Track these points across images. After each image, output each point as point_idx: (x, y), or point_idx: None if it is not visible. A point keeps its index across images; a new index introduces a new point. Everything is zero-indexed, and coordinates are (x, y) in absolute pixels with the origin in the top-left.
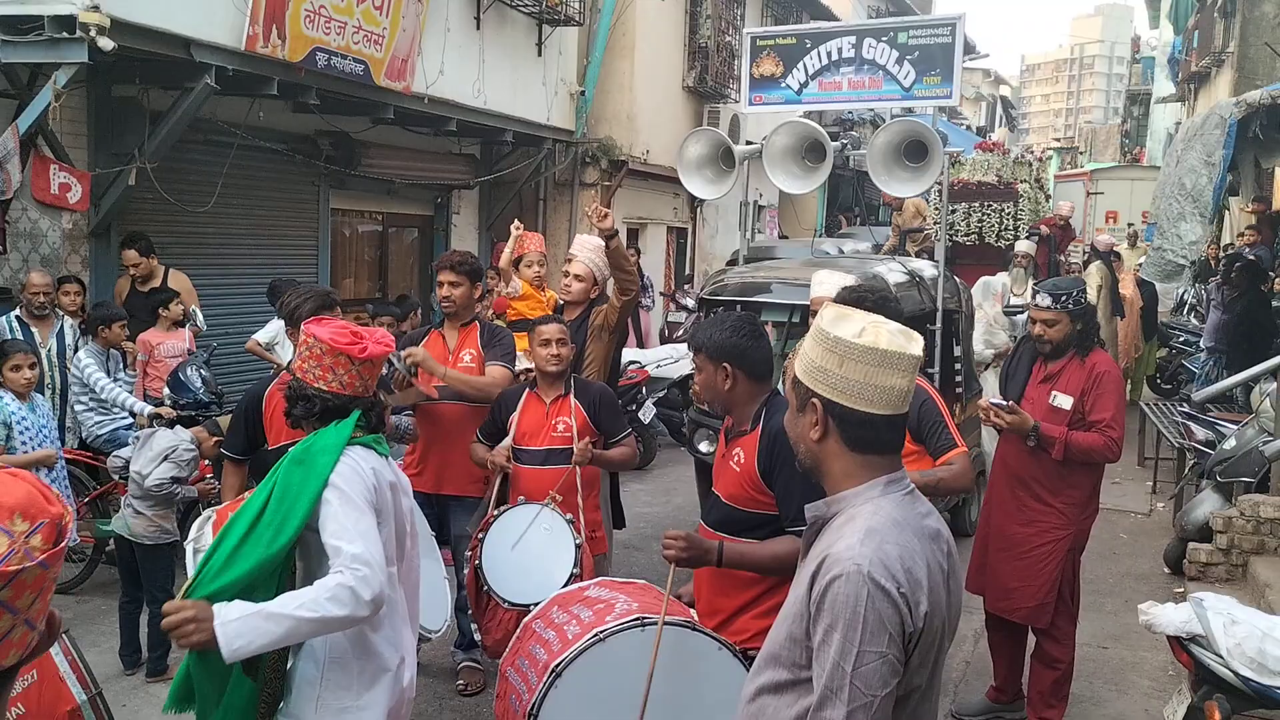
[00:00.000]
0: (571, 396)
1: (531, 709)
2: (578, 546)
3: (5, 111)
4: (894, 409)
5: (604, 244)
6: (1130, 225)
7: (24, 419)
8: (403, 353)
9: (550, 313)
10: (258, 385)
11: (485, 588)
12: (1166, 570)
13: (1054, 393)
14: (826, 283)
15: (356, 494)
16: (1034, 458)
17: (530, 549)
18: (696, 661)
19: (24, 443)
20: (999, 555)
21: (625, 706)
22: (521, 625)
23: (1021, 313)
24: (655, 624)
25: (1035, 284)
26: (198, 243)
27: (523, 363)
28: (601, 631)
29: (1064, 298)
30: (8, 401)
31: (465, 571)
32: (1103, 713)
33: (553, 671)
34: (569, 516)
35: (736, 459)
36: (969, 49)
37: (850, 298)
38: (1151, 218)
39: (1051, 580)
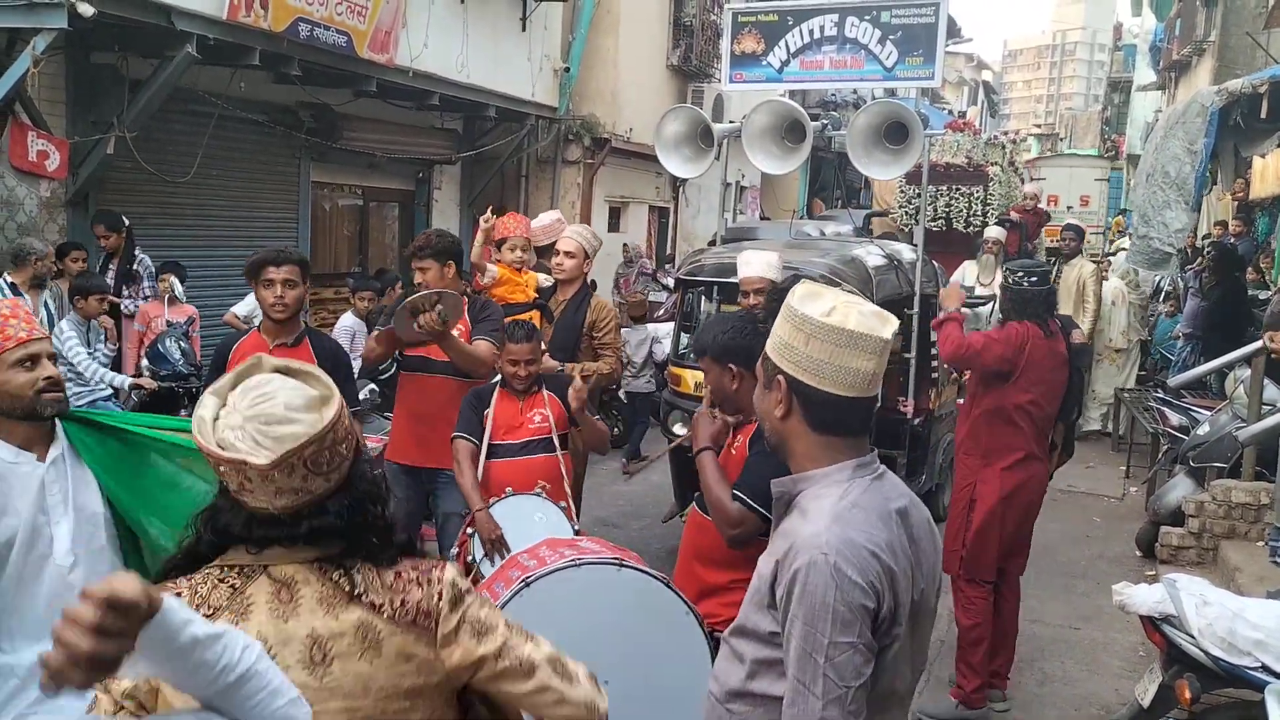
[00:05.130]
0: (543, 389)
1: None
2: (576, 533)
3: None
4: (859, 391)
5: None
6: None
7: None
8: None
9: (534, 296)
10: (226, 339)
11: (482, 581)
12: (1138, 553)
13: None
14: (753, 263)
15: None
16: (962, 418)
17: (526, 539)
18: (660, 615)
19: None
20: None
21: (584, 632)
22: (508, 558)
23: (987, 303)
24: (633, 569)
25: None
26: (176, 214)
27: None
28: (579, 560)
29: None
30: None
31: (453, 559)
32: (1074, 692)
33: (523, 582)
34: (561, 504)
35: (735, 445)
36: (952, 32)
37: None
38: (1129, 207)
39: (953, 529)
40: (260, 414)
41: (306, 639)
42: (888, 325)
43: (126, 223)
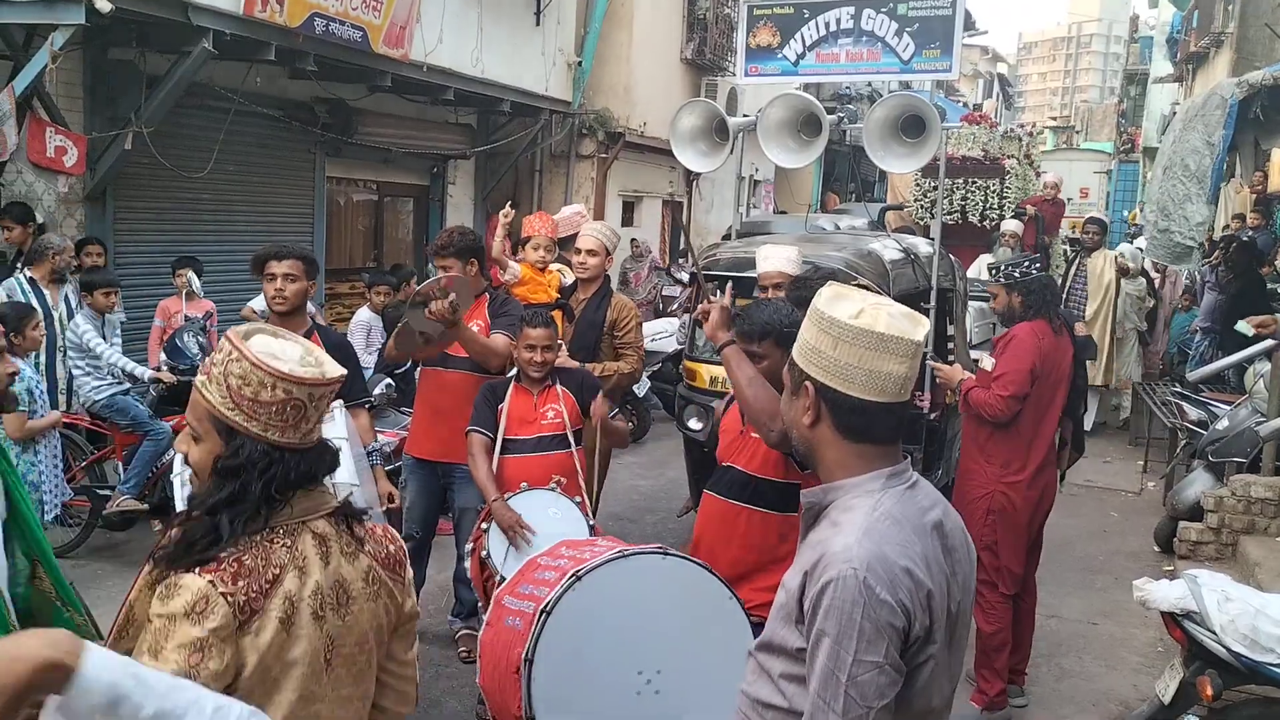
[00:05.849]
0: (557, 385)
1: (547, 606)
2: (590, 528)
3: (1, 73)
4: (890, 396)
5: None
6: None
7: (39, 383)
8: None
9: (556, 296)
10: None
11: (498, 577)
12: (1156, 549)
13: (982, 355)
14: (772, 257)
15: None
16: (970, 421)
17: (541, 533)
18: (706, 601)
19: (40, 409)
20: None
21: (637, 621)
22: (526, 561)
23: None
24: (678, 556)
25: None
26: (193, 208)
27: None
28: (625, 550)
29: (996, 270)
30: (29, 370)
31: (468, 554)
32: (1092, 688)
33: (574, 576)
34: (576, 499)
35: None
36: (968, 25)
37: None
38: (1145, 200)
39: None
40: (307, 350)
41: (337, 584)
42: (919, 327)
43: (39, 220)
